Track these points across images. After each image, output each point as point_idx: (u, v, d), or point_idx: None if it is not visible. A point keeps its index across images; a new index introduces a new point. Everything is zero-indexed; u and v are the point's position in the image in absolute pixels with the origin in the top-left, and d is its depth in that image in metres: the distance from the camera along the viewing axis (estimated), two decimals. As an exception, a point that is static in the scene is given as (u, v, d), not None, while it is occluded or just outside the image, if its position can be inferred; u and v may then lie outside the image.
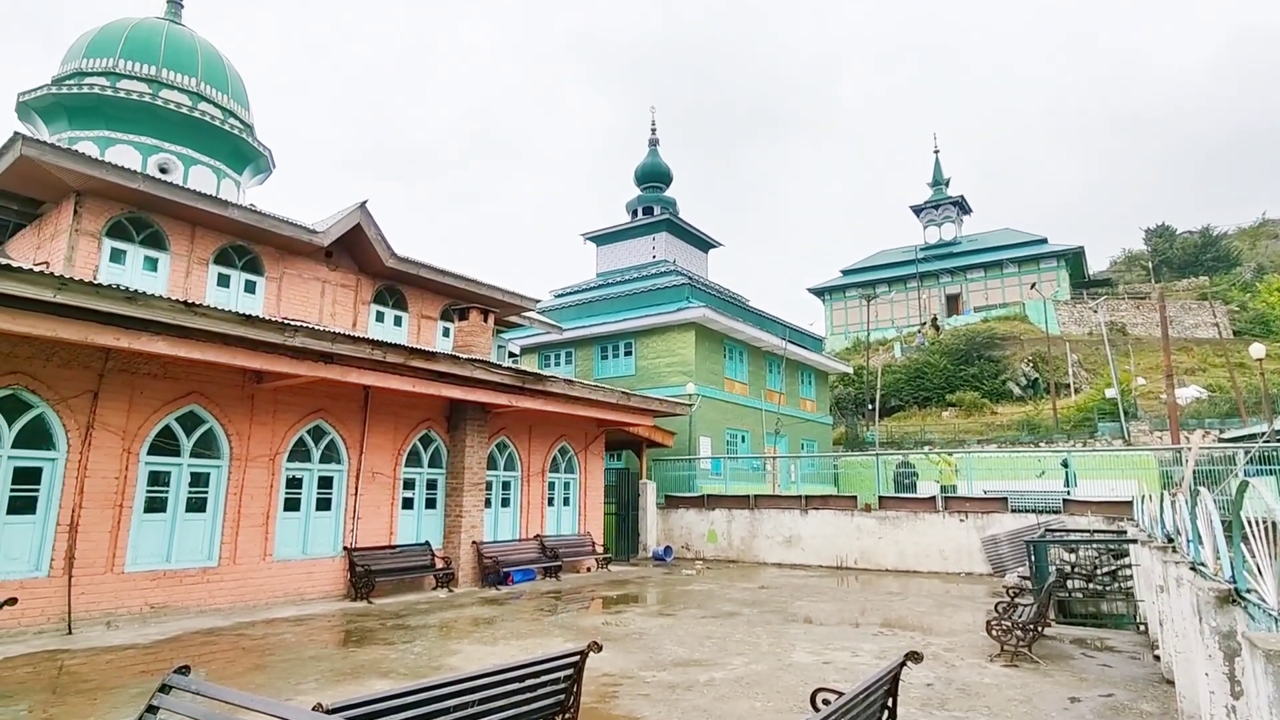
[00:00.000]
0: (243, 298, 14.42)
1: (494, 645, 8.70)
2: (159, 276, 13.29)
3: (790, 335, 29.13)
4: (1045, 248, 53.53)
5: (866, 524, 17.88)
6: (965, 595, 13.29)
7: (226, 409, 11.06)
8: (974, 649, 8.59)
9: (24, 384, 9.02)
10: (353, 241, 15.92)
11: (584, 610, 11.55)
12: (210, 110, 19.45)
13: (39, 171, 11.72)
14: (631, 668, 7.54)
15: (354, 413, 12.85)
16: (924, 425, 39.07)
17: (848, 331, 57.40)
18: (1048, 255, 52.86)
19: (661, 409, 18.35)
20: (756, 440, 26.27)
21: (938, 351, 45.64)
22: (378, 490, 13.13)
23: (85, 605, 9.25)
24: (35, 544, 9.06)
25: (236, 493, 11.08)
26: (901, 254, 60.11)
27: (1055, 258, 52.82)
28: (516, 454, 16.10)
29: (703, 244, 35.17)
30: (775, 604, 12.07)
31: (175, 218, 13.53)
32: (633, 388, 21.58)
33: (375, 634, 9.30)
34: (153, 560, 10.12)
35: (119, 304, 8.16)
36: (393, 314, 17.26)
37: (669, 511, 20.76)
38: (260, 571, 11.24)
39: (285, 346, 9.95)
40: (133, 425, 10.00)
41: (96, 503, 9.54)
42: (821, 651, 8.42)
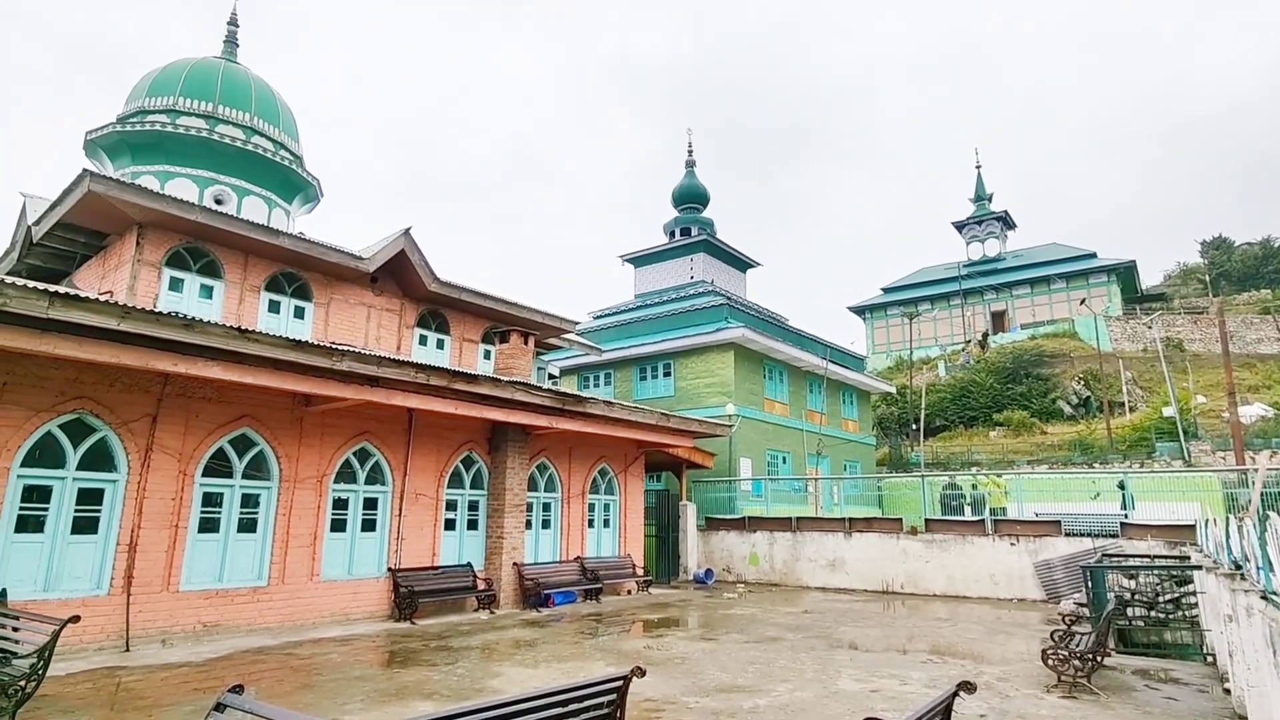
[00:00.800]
0: (292, 323, 14.86)
1: (536, 668, 8.69)
2: (214, 304, 13.78)
3: (831, 355, 28.80)
4: (1094, 262, 52.11)
5: (913, 547, 17.45)
6: (1018, 622, 12.84)
7: (276, 432, 11.36)
8: (1029, 679, 8.28)
9: (89, 408, 9.41)
10: (397, 267, 16.31)
11: (625, 633, 11.47)
12: (262, 143, 20.22)
13: (105, 205, 12.29)
14: (674, 693, 7.45)
15: (398, 435, 13.08)
16: (971, 445, 38.09)
17: (890, 350, 56.49)
18: (1097, 270, 51.43)
19: (701, 430, 18.26)
20: (798, 461, 25.93)
21: (984, 370, 44.59)
22: (421, 511, 13.30)
23: (142, 623, 9.53)
24: (97, 563, 9.38)
25: (285, 514, 11.33)
26: (944, 271, 59.12)
27: (1105, 272, 51.34)
28: (557, 475, 16.17)
29: (741, 264, 35.12)
30: (819, 629, 11.83)
31: (229, 247, 14.05)
32: (672, 409, 21.54)
33: (419, 655, 9.37)
34: (206, 580, 10.39)
35: (177, 331, 8.47)
36: (435, 337, 17.58)
37: (709, 533, 20.57)
38: (307, 591, 11.44)
39: (333, 370, 10.20)
40: (188, 447, 10.33)
41: (154, 523, 9.86)
42: (868, 679, 8.21)
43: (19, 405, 8.82)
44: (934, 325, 55.72)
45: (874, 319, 59.57)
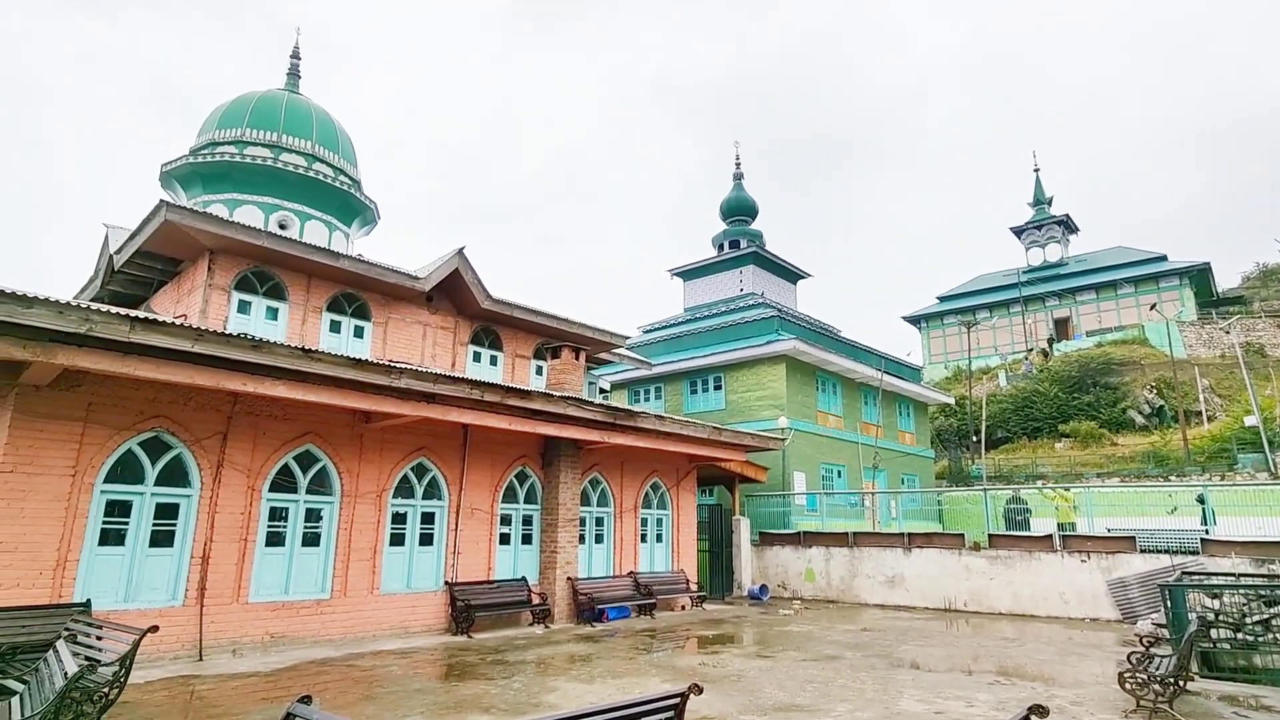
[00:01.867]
0: (352, 342, 15.33)
1: (591, 684, 8.68)
2: (279, 325, 14.32)
3: (886, 366, 28.22)
4: (1165, 265, 49.87)
5: (976, 564, 16.88)
6: (1091, 643, 12.27)
7: (338, 448, 11.70)
8: (1105, 703, 7.89)
9: (166, 426, 9.87)
10: (451, 286, 16.69)
11: (680, 650, 11.39)
12: (323, 169, 21.02)
13: (179, 233, 12.94)
14: (731, 711, 7.35)
15: (454, 450, 13.32)
16: (1035, 458, 36.71)
17: (947, 360, 55.02)
18: (1168, 273, 49.20)
19: (753, 444, 18.09)
20: (853, 475, 25.42)
21: (1048, 379, 43.00)
22: (476, 526, 13.50)
23: (214, 633, 9.89)
24: (172, 575, 9.80)
25: (347, 528, 11.64)
26: (1003, 278, 57.39)
27: (1177, 275, 49.07)
28: (609, 489, 16.21)
29: (791, 275, 34.80)
30: (879, 647, 11.52)
31: (293, 270, 14.60)
32: (723, 422, 21.40)
33: (476, 669, 9.47)
34: (273, 592, 10.74)
35: (246, 352, 8.84)
36: (489, 354, 17.89)
37: (764, 549, 20.30)
38: (368, 604, 11.71)
39: (391, 388, 10.48)
40: (256, 463, 10.73)
41: (225, 536, 10.25)
42: (932, 700, 7.95)
43: (103, 424, 9.31)
44: (993, 334, 54.06)
45: (930, 328, 58.17)
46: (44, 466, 8.79)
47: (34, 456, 8.72)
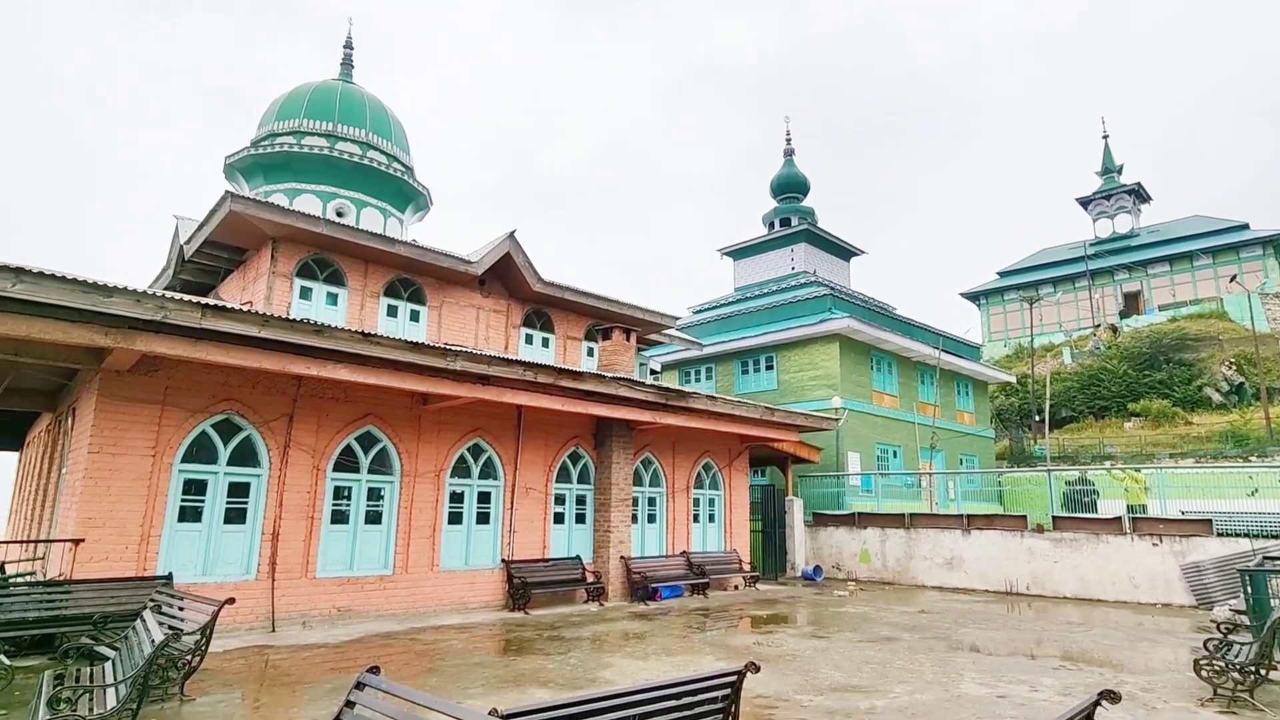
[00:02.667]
0: (408, 326, 15.68)
1: (645, 660, 8.79)
2: (339, 310, 14.74)
3: (944, 344, 27.46)
4: (1247, 234, 47.03)
5: (1039, 546, 16.40)
6: (1163, 629, 11.82)
7: (397, 429, 12.03)
8: (1179, 690, 7.60)
9: (236, 409, 10.30)
10: (503, 269, 16.88)
11: (733, 629, 11.41)
12: (377, 157, 21.45)
13: (244, 223, 13.40)
14: (786, 691, 7.35)
15: (508, 431, 13.55)
16: (1102, 438, 35.33)
17: (1008, 338, 53.24)
18: (1250, 243, 46.40)
19: (806, 424, 17.89)
20: (909, 455, 24.93)
21: (1116, 356, 41.23)
22: (531, 505, 13.74)
23: (285, 606, 10.35)
24: (245, 550, 10.27)
25: (407, 507, 12.00)
26: (1068, 251, 55.06)
27: (1260, 245, 46.24)
28: (661, 470, 16.28)
29: (844, 252, 34.10)
30: (938, 630, 11.33)
31: (351, 256, 14.98)
32: (775, 402, 21.20)
33: (533, 644, 9.68)
34: (338, 568, 11.16)
35: (309, 336, 9.13)
36: (540, 336, 18.08)
37: (817, 529, 20.13)
38: (428, 581, 12.06)
39: (447, 370, 10.70)
40: (320, 444, 11.12)
41: (293, 514, 10.68)
42: (994, 684, 7.79)
43: (179, 407, 9.77)
44: (1057, 309, 52.01)
45: (989, 305, 56.32)
46: (127, 447, 9.29)
47: (118, 438, 9.23)
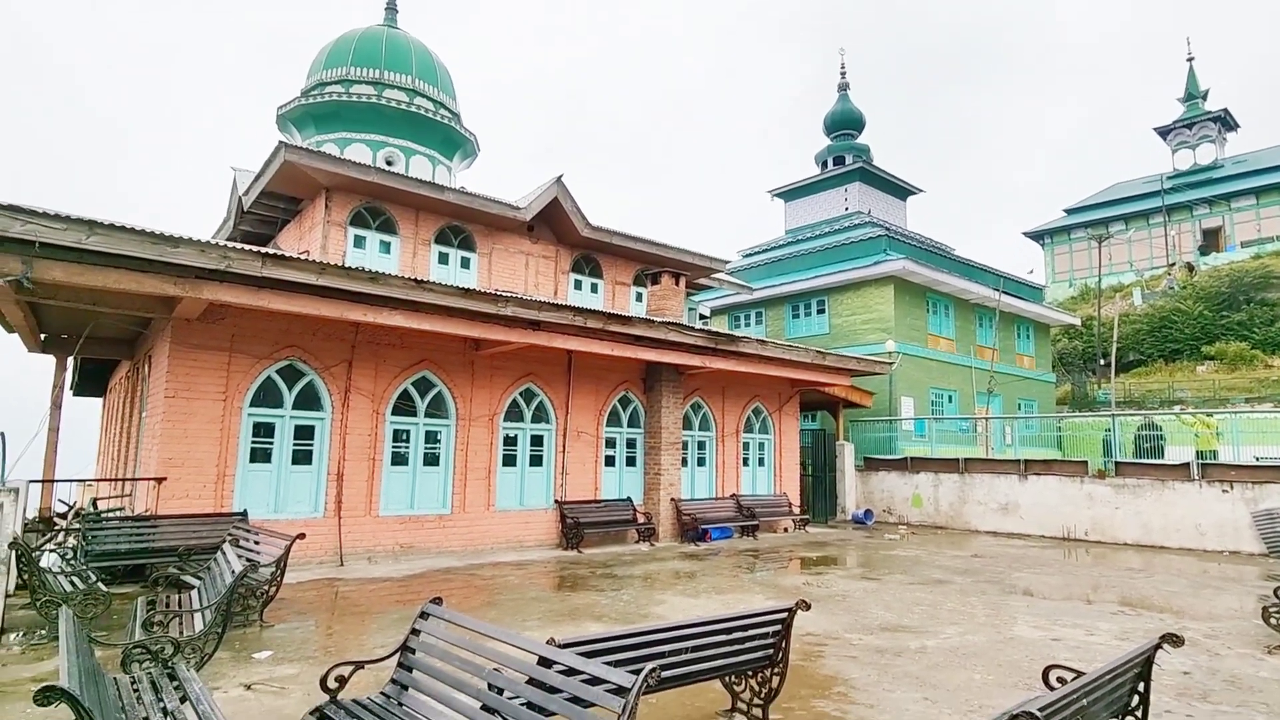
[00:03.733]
0: (460, 272, 15.88)
1: (696, 598, 8.99)
2: (392, 258, 14.99)
3: (1004, 285, 26.49)
4: (1345, 163, 43.56)
5: (1100, 492, 16.01)
6: (1230, 577, 11.50)
7: (452, 374, 12.31)
8: (1245, 638, 7.42)
9: (298, 355, 10.67)
10: (551, 214, 16.84)
11: (783, 569, 11.55)
12: (424, 104, 21.39)
13: (298, 173, 13.62)
14: (836, 629, 7.44)
15: (559, 376, 13.73)
16: (1171, 382, 33.89)
17: (1073, 278, 50.98)
18: (1349, 172, 42.98)
19: (858, 368, 17.62)
20: (965, 400, 24.40)
21: (1191, 296, 39.14)
22: (582, 448, 13.99)
23: (351, 542, 10.88)
24: (313, 490, 10.78)
25: (463, 449, 12.36)
26: (1143, 185, 51.92)
27: (1359, 174, 42.82)
28: (711, 414, 16.33)
29: (900, 191, 32.90)
30: (991, 574, 11.25)
31: (402, 204, 15.14)
32: (827, 347, 20.91)
33: (586, 581, 9.99)
34: (400, 507, 11.64)
35: (364, 284, 9.32)
36: (589, 281, 18.10)
37: (868, 474, 20.03)
38: (485, 520, 12.50)
39: (498, 316, 10.83)
40: (379, 389, 11.47)
41: (355, 456, 11.12)
42: (1048, 627, 7.74)
43: (245, 354, 10.17)
44: (1128, 248, 49.41)
45: (1054, 244, 53.84)
46: (200, 392, 9.75)
47: (191, 383, 9.68)
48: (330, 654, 6.10)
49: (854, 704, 5.22)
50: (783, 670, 4.66)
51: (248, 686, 5.30)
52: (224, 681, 5.36)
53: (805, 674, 5.87)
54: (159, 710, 3.64)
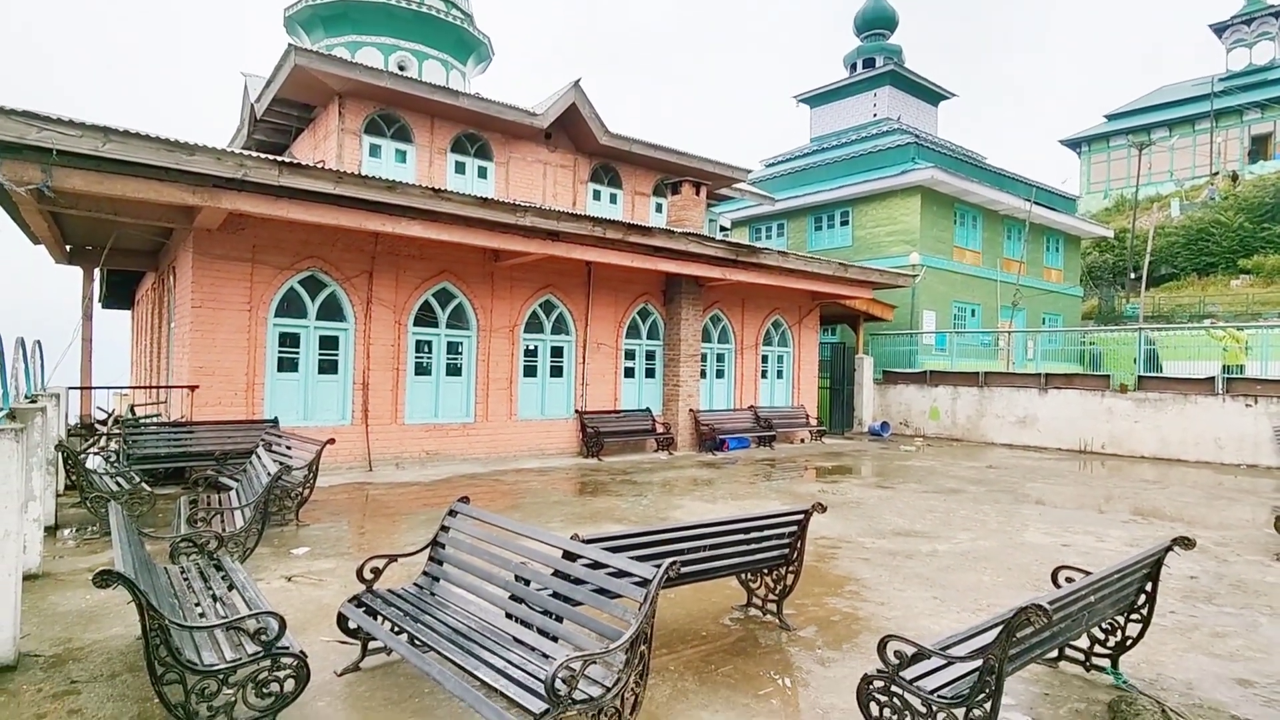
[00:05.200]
0: (476, 183, 15.63)
1: (714, 503, 9.25)
2: (408, 167, 14.76)
3: (1036, 195, 25.61)
4: None
5: (1120, 406, 15.97)
6: (1244, 489, 11.58)
7: (472, 285, 12.33)
8: (1253, 545, 7.55)
9: (319, 266, 10.72)
10: (569, 122, 16.37)
11: (799, 478, 11.80)
12: (435, 3, 20.49)
13: (309, 78, 13.27)
14: (850, 534, 7.65)
15: (578, 288, 13.70)
16: (1204, 296, 33.11)
17: (1109, 189, 49.10)
18: None
19: (881, 281, 17.38)
20: (988, 314, 24.09)
21: (1232, 207, 37.65)
22: (602, 360, 14.11)
23: (379, 449, 11.23)
24: (339, 398, 11.06)
25: (485, 360, 12.52)
26: (1191, 88, 49.09)
27: None
28: (730, 327, 16.31)
29: (932, 96, 31.46)
30: (1005, 484, 11.43)
31: (416, 111, 14.77)
32: (849, 259, 20.57)
33: (607, 486, 10.29)
34: (424, 415, 11.93)
35: (382, 193, 9.23)
36: (608, 191, 17.76)
37: (886, 387, 20.09)
38: (507, 428, 12.79)
39: (517, 226, 10.72)
40: (400, 300, 11.55)
41: (379, 366, 11.33)
42: (1059, 534, 7.90)
43: (267, 264, 10.23)
44: (1170, 156, 47.26)
45: (1092, 152, 51.61)
46: (225, 302, 9.88)
47: (216, 293, 9.80)
48: (364, 550, 6.41)
49: (865, 601, 5.43)
50: (797, 569, 4.83)
51: (288, 579, 5.61)
52: (266, 574, 5.68)
53: (819, 574, 6.09)
54: (209, 596, 3.89)
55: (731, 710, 3.66)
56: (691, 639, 4.59)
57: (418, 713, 3.52)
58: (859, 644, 4.53)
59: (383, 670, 3.95)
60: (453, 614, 3.75)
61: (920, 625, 4.87)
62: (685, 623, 4.88)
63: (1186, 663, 4.42)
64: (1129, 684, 4.02)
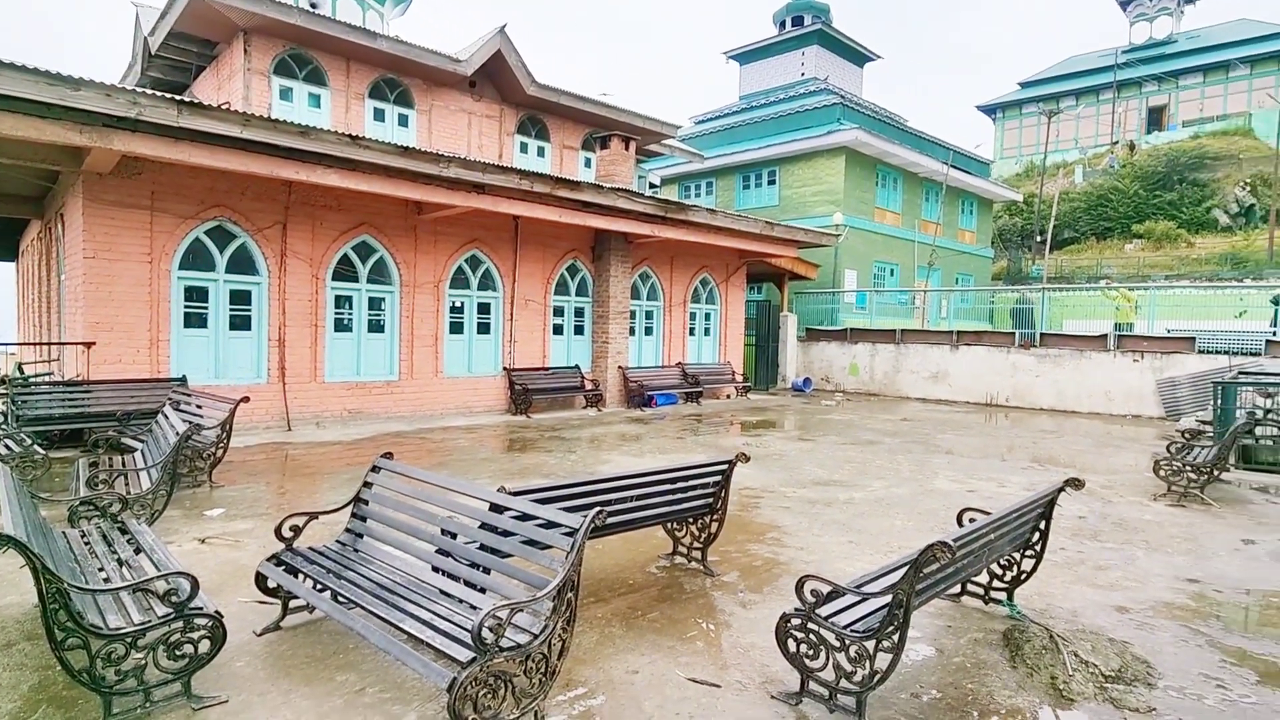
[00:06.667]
0: (397, 131, 14.98)
1: (641, 457, 9.39)
2: (323, 112, 13.99)
3: (953, 159, 26.48)
4: (1291, 42, 43.71)
5: (1024, 361, 16.96)
6: (1129, 437, 12.56)
7: (394, 239, 11.90)
8: (1135, 488, 8.23)
9: (227, 216, 10.11)
10: (495, 71, 15.81)
11: (724, 432, 12.08)
12: (349, -64, 19.22)
13: (208, 10, 12.30)
14: (772, 484, 7.92)
15: (506, 242, 13.42)
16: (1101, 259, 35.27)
17: (1020, 155, 51.21)
18: (1293, 51, 43.23)
19: (806, 240, 17.72)
20: (906, 274, 24.98)
21: (1129, 175, 39.99)
22: (530, 316, 13.95)
23: (298, 408, 10.85)
24: (254, 355, 10.58)
25: (409, 316, 12.18)
26: (1099, 59, 51.35)
27: (1304, 54, 43.13)
28: (659, 284, 16.37)
29: (858, 57, 31.83)
30: (918, 435, 12.02)
31: (331, 53, 13.95)
32: (776, 218, 20.84)
33: (535, 443, 10.29)
34: (345, 373, 11.56)
35: (294, 138, 8.73)
36: (535, 144, 17.34)
37: (809, 344, 20.67)
38: (433, 386, 12.56)
39: (441, 177, 10.37)
40: (317, 253, 11.05)
41: (297, 322, 10.86)
42: (965, 481, 8.40)
43: (169, 213, 9.57)
44: (1076, 125, 49.58)
45: (1006, 119, 53.56)
46: (123, 253, 9.22)
47: (111, 243, 9.13)
48: (283, 510, 6.21)
49: (785, 547, 5.66)
50: (721, 517, 4.98)
51: (202, 540, 5.41)
52: (177, 537, 5.45)
53: (742, 522, 6.30)
54: (113, 560, 3.71)
55: (657, 653, 3.78)
56: (619, 588, 4.69)
57: (342, 668, 3.49)
58: (779, 587, 4.73)
59: (305, 629, 3.89)
60: (377, 569, 3.71)
61: (836, 567, 5.12)
62: (614, 573, 4.98)
63: (1073, 593, 4.82)
64: (1022, 614, 4.36)
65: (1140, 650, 3.95)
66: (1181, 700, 3.45)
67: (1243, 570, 5.45)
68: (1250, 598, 4.92)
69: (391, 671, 3.45)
